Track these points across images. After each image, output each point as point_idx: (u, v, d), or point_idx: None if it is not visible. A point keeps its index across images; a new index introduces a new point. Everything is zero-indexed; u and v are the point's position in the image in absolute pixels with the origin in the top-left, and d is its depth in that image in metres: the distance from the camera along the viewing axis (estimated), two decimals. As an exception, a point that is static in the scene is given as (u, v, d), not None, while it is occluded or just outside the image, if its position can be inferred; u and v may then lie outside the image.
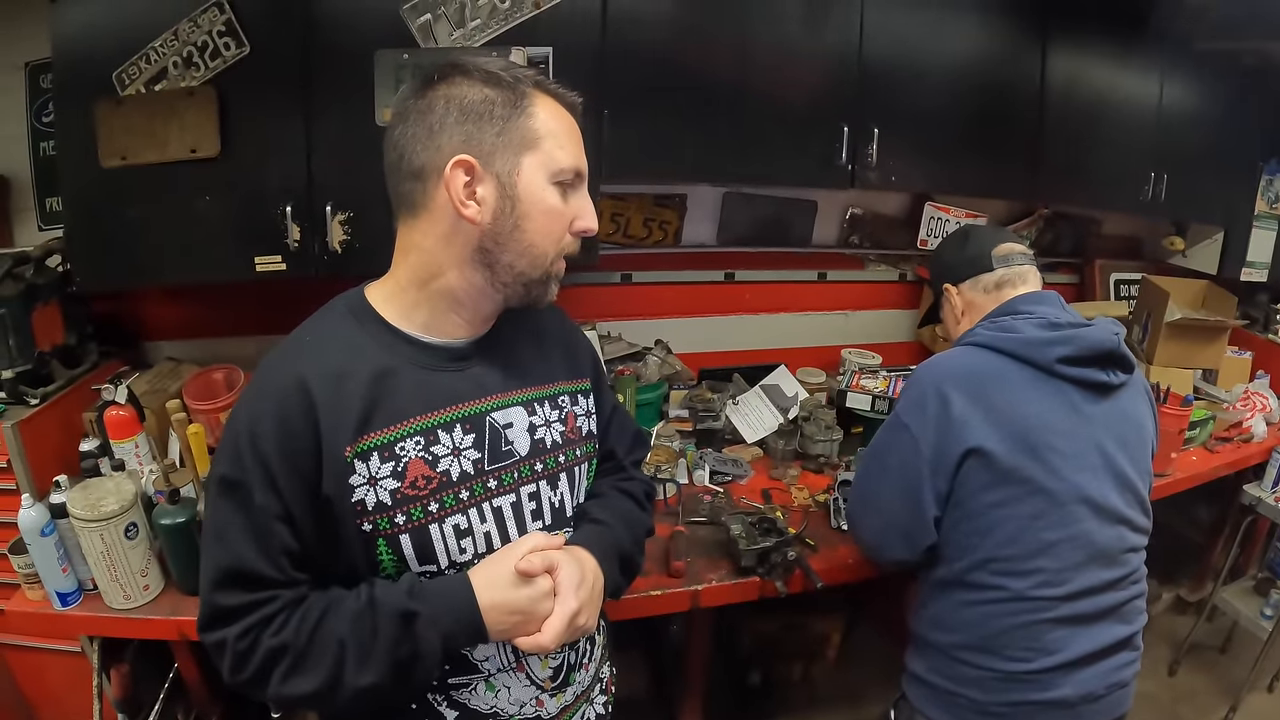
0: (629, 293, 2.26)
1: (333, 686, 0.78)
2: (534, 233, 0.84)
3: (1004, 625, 1.18)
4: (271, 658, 0.78)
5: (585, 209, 0.87)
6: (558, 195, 0.84)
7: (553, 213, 0.84)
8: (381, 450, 0.81)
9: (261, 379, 0.83)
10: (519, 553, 0.83)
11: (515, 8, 1.55)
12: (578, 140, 0.87)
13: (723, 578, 1.48)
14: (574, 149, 0.86)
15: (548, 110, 0.84)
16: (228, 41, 1.44)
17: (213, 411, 1.63)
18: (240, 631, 0.79)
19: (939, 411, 1.20)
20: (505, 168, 0.81)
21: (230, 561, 0.79)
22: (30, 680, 1.68)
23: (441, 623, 0.80)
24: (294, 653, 0.78)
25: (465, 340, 0.90)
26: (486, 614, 0.81)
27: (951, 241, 1.52)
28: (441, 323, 0.87)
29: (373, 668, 0.78)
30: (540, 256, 0.85)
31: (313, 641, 0.78)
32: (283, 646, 0.78)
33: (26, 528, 1.26)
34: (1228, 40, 2.24)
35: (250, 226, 1.51)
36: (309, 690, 0.78)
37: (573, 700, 0.97)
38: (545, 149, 0.83)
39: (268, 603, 0.80)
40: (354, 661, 0.78)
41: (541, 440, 0.93)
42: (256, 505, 0.78)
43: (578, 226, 0.87)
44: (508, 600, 0.82)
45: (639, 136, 1.70)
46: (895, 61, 1.87)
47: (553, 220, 0.85)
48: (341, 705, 0.80)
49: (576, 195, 0.87)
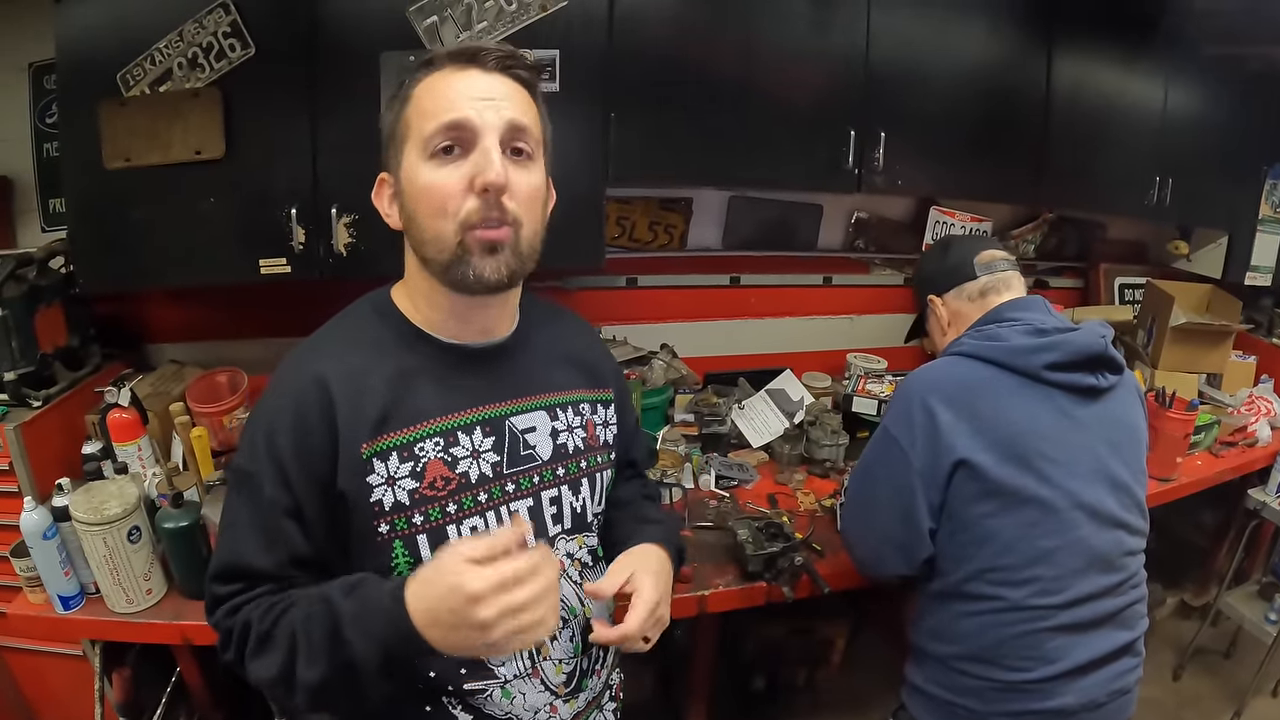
0: (634, 296, 2.25)
1: (288, 677, 0.76)
2: (423, 217, 0.80)
3: (1003, 635, 1.17)
4: (242, 634, 0.80)
5: (481, 162, 0.77)
6: (434, 168, 0.78)
7: (430, 188, 0.78)
8: (401, 450, 0.82)
9: (283, 376, 0.85)
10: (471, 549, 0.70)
11: (522, 10, 1.54)
12: (460, 92, 0.78)
13: (729, 583, 1.48)
14: (445, 104, 0.78)
15: (428, 87, 0.80)
16: (233, 43, 1.43)
17: (216, 414, 1.63)
18: (228, 610, 0.82)
19: (926, 423, 1.19)
20: (397, 169, 0.83)
21: (231, 555, 0.82)
22: (32, 684, 1.67)
23: (368, 623, 0.73)
24: (257, 633, 0.79)
25: (487, 343, 0.90)
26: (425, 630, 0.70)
27: (932, 253, 1.52)
28: (454, 325, 0.87)
29: (317, 665, 0.74)
30: (436, 237, 0.79)
31: (275, 625, 0.78)
32: (248, 624, 0.79)
33: (29, 531, 1.25)
34: (1232, 45, 2.24)
35: (255, 228, 1.51)
36: (268, 676, 0.78)
37: (585, 706, 0.96)
38: (414, 128, 0.79)
39: (251, 589, 0.81)
40: (303, 655, 0.75)
41: (564, 445, 0.93)
42: (266, 499, 0.80)
43: (477, 184, 0.77)
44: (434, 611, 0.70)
45: (645, 139, 1.69)
46: (902, 65, 1.87)
47: (433, 196, 0.78)
48: (302, 700, 0.77)
49: (468, 155, 0.78)
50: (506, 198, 0.78)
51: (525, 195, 0.81)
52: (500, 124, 0.78)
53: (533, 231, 0.83)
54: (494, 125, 0.78)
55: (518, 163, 0.81)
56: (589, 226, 1.71)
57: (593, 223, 1.72)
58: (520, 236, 0.81)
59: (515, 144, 0.80)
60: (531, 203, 0.82)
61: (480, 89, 0.79)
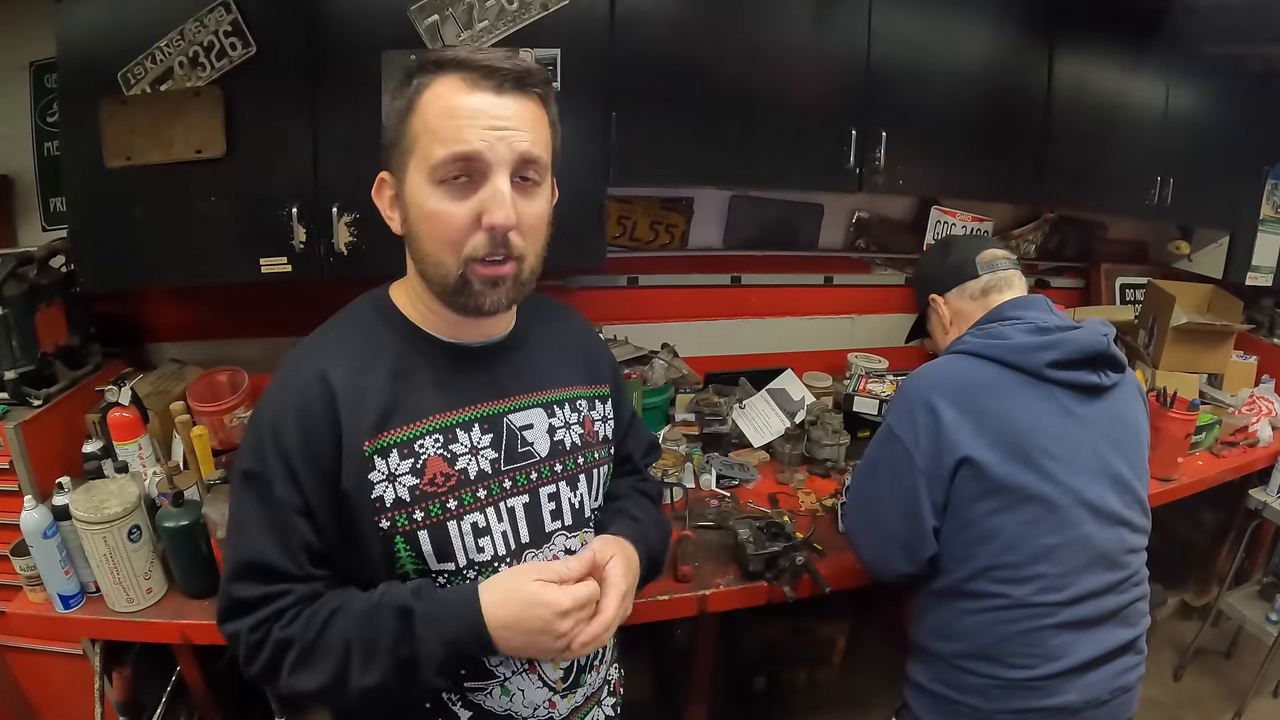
0: (635, 296, 2.25)
1: (339, 684, 0.78)
2: (426, 241, 0.79)
3: (1006, 633, 1.17)
4: (280, 650, 0.79)
5: (490, 200, 0.75)
6: (441, 196, 0.76)
7: (436, 217, 0.77)
8: (401, 447, 0.82)
9: (285, 374, 0.85)
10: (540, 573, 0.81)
11: (523, 9, 1.54)
12: (472, 118, 0.75)
13: (730, 582, 1.48)
14: (458, 133, 0.74)
15: (436, 98, 0.76)
16: (234, 42, 1.43)
17: (217, 413, 1.63)
18: (253, 624, 0.80)
19: (929, 422, 1.19)
20: (401, 177, 0.81)
21: (247, 555, 0.81)
22: (32, 683, 1.67)
23: (441, 623, 0.78)
24: (301, 646, 0.78)
25: (485, 341, 0.90)
26: (496, 631, 0.79)
27: (933, 253, 1.52)
28: (452, 324, 0.87)
29: (376, 668, 0.78)
30: (438, 265, 0.79)
31: (321, 637, 0.78)
32: (290, 640, 0.79)
33: (29, 529, 1.25)
34: (1233, 45, 2.24)
35: (255, 228, 1.50)
36: (315, 686, 0.78)
37: (583, 701, 0.97)
38: (421, 148, 0.77)
39: (281, 596, 0.80)
40: (359, 661, 0.78)
41: (561, 442, 0.93)
42: (276, 498, 0.80)
43: (485, 222, 0.76)
44: (519, 619, 0.79)
45: (646, 139, 1.69)
46: (903, 65, 1.87)
47: (438, 226, 0.77)
48: (349, 703, 0.80)
49: (478, 188, 0.76)
50: (513, 233, 0.78)
51: (531, 225, 0.80)
52: (512, 158, 0.76)
53: (535, 258, 0.83)
54: (505, 160, 0.76)
55: (525, 190, 0.79)
56: (590, 226, 1.71)
57: (594, 222, 1.72)
58: (523, 267, 0.81)
59: (524, 173, 0.79)
60: (536, 231, 0.82)
61: (493, 114, 0.76)
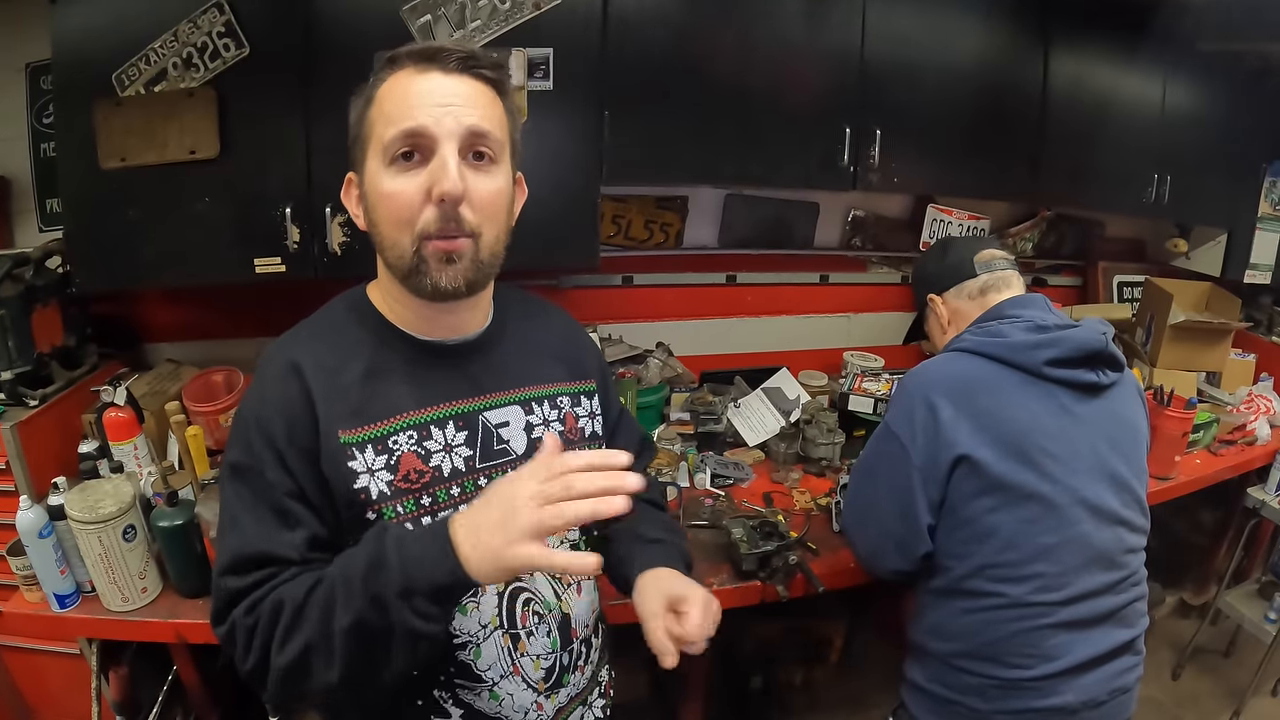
0: (630, 295, 2.25)
1: (324, 638, 0.72)
2: (383, 224, 0.81)
3: (1003, 632, 1.17)
4: (273, 619, 0.75)
5: (438, 170, 0.76)
6: (393, 175, 0.78)
7: (390, 196, 0.78)
8: (375, 443, 0.83)
9: (262, 369, 0.86)
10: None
11: (515, 9, 1.54)
12: (420, 97, 0.77)
13: (724, 582, 1.47)
14: (404, 109, 0.77)
15: (391, 88, 0.79)
16: (227, 43, 1.44)
17: (212, 413, 1.63)
18: (248, 605, 0.77)
19: (927, 419, 1.19)
20: (362, 172, 0.83)
21: (241, 547, 0.79)
22: (29, 682, 1.68)
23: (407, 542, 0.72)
24: (292, 606, 0.74)
25: (461, 339, 0.90)
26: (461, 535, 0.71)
27: (932, 253, 1.52)
28: (423, 323, 0.88)
29: (353, 604, 0.71)
30: (394, 246, 0.80)
31: (311, 592, 0.75)
32: (281, 601, 0.75)
33: (25, 529, 1.26)
34: (1231, 42, 2.23)
35: (250, 228, 1.51)
36: (302, 644, 0.73)
37: (567, 701, 0.96)
38: (375, 133, 0.79)
39: (276, 577, 0.78)
40: (341, 601, 0.72)
41: (539, 439, 0.93)
42: (269, 483, 0.79)
43: (434, 194, 0.77)
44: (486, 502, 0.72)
45: (640, 137, 1.69)
46: (897, 62, 1.87)
47: (391, 204, 0.79)
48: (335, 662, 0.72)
49: (426, 163, 0.78)
50: (465, 207, 0.78)
51: (485, 202, 0.80)
52: (459, 131, 0.78)
53: (494, 238, 0.83)
54: (452, 132, 0.77)
55: (478, 168, 0.80)
56: (584, 225, 1.71)
57: (588, 221, 1.72)
58: (480, 245, 0.81)
59: (476, 149, 0.80)
60: (493, 209, 0.82)
61: (440, 93, 0.78)
